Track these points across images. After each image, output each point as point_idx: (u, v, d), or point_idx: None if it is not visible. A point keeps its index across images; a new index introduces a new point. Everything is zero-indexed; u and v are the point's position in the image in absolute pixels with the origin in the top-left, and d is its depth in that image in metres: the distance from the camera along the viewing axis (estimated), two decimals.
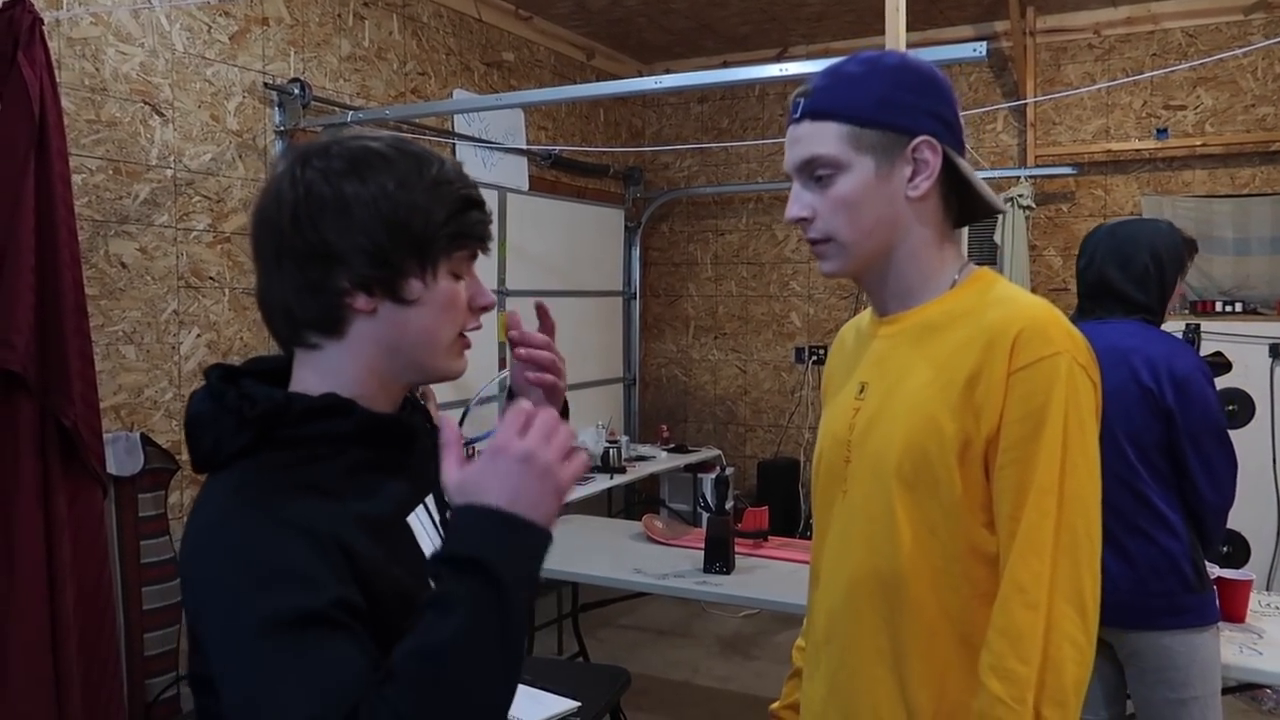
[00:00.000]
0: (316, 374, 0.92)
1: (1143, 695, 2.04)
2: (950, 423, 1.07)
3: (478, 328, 0.98)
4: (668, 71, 5.59)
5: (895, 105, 1.10)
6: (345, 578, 0.82)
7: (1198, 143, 4.54)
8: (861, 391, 1.19)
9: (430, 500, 1.01)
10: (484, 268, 1.02)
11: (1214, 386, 2.06)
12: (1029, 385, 1.04)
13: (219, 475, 0.88)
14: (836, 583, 1.19)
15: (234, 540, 0.81)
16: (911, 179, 1.11)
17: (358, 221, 0.88)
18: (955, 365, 1.08)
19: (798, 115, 1.14)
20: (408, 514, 0.96)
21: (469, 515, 0.80)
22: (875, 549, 1.13)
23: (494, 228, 1.00)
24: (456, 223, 0.92)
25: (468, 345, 0.97)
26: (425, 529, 0.98)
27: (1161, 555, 2.00)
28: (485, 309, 0.97)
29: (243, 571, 0.80)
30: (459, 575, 0.77)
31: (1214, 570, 2.38)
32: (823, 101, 1.12)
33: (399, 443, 0.96)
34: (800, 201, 1.15)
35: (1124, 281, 2.11)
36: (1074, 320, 2.14)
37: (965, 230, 4.71)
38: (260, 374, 0.94)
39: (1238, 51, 4.34)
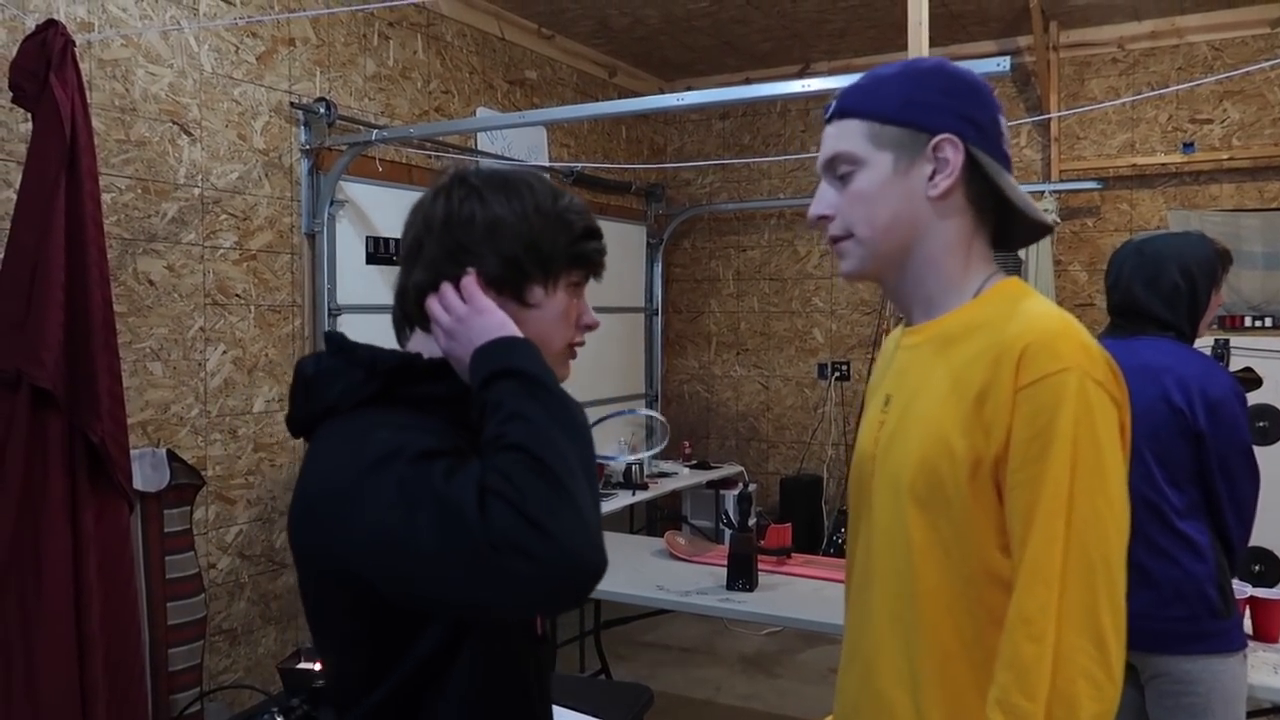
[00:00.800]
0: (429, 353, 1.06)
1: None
2: (960, 440, 1.04)
3: (581, 344, 1.12)
4: (689, 89, 5.60)
5: (919, 104, 1.09)
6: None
7: (1225, 156, 4.50)
8: (886, 404, 1.17)
9: None
10: None
11: (1246, 409, 2.03)
12: (1036, 403, 0.99)
13: (336, 420, 1.00)
14: (860, 601, 1.17)
15: (364, 445, 0.93)
16: (932, 177, 1.09)
17: (501, 235, 1.04)
18: (968, 380, 1.05)
19: (828, 116, 1.15)
20: None
21: (473, 374, 0.98)
22: (893, 568, 1.10)
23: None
24: (578, 247, 1.07)
25: (574, 355, 1.12)
26: None
27: (1185, 578, 1.95)
28: (590, 328, 1.12)
29: (374, 453, 0.91)
30: (488, 391, 0.94)
31: (1246, 589, 2.34)
32: (849, 101, 1.13)
33: None
34: (823, 201, 1.14)
35: (1152, 299, 2.06)
36: (1104, 337, 2.11)
37: None
38: None
39: (1264, 64, 4.29)
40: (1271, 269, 4.31)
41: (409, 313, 1.08)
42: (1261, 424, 3.77)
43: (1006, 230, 1.17)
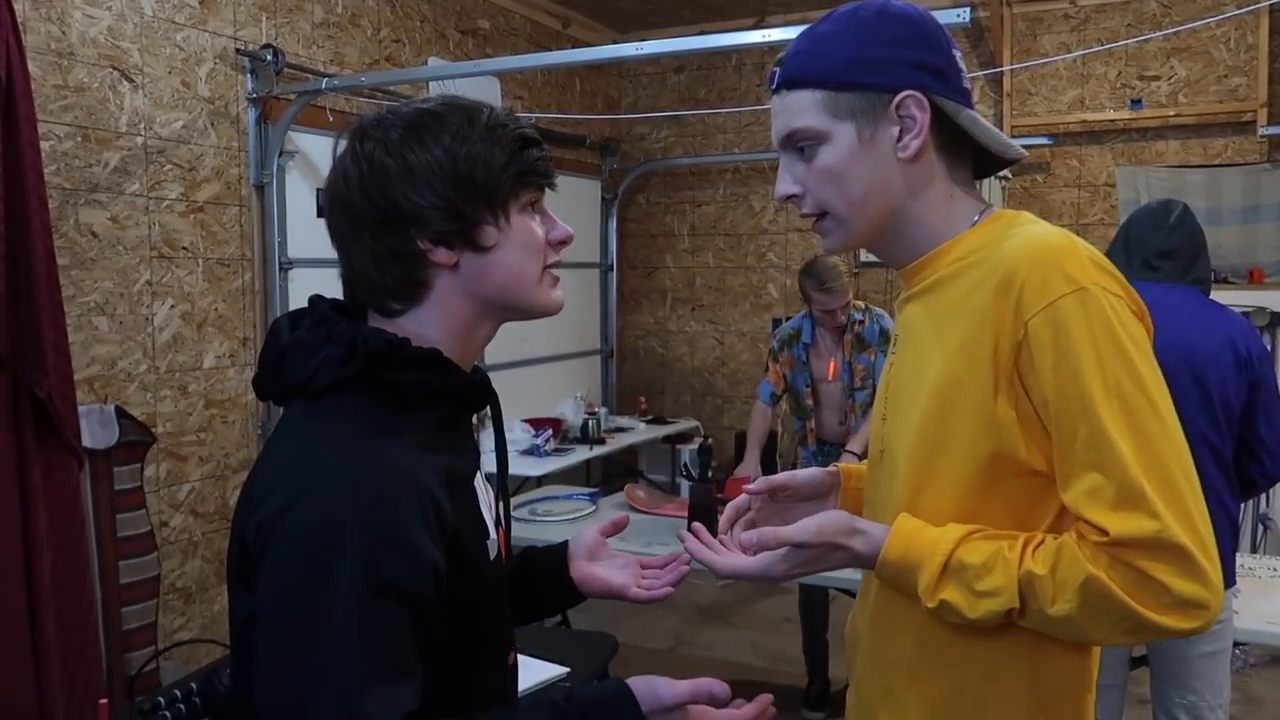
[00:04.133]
0: (402, 333, 0.94)
1: (1179, 651, 2.13)
2: (969, 379, 0.97)
3: (558, 262, 1.02)
4: (644, 41, 5.53)
5: (872, 62, 1.01)
6: (438, 540, 0.87)
7: (1171, 113, 4.57)
8: (890, 366, 1.13)
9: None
10: None
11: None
12: (1052, 329, 0.92)
13: (318, 405, 0.90)
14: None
15: (354, 492, 0.84)
16: (900, 139, 1.02)
17: (425, 183, 0.92)
18: (970, 309, 0.99)
19: (774, 86, 1.07)
20: (475, 475, 1.01)
21: (624, 698, 0.90)
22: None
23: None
24: (517, 163, 0.95)
25: (557, 280, 1.01)
26: (483, 492, 1.03)
27: (1226, 517, 2.13)
28: (564, 243, 1.01)
29: (357, 531, 0.82)
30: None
31: None
32: (795, 68, 1.05)
33: (480, 404, 1.01)
34: (789, 176, 1.07)
35: (1201, 257, 2.25)
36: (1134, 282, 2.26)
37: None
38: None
39: (1210, 20, 4.36)
40: (1214, 224, 4.40)
41: (371, 307, 0.97)
42: None
43: (983, 162, 1.12)
